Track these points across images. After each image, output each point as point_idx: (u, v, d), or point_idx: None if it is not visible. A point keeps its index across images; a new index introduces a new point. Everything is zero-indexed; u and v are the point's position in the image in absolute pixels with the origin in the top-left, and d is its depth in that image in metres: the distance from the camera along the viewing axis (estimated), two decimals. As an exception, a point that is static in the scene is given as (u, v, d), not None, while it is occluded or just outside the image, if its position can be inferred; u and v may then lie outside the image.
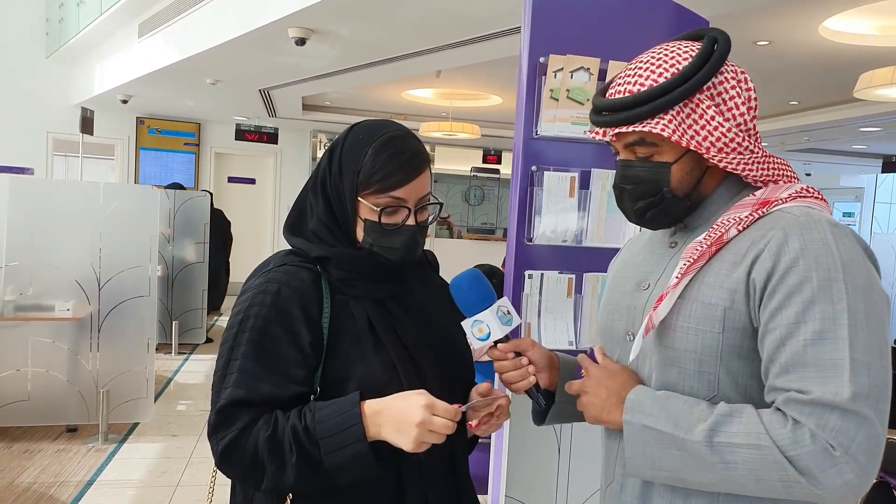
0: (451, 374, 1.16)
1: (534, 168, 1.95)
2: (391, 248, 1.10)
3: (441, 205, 1.17)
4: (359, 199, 1.08)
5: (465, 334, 1.19)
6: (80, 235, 3.96)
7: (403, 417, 0.98)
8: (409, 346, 1.10)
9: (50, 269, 3.93)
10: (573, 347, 1.93)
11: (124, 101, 7.52)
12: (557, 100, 1.94)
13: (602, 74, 1.90)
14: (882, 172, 10.41)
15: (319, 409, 1.01)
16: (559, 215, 1.95)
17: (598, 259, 2.01)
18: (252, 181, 9.72)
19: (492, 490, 2.06)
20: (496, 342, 1.10)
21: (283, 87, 6.55)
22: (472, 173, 10.73)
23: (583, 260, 2.02)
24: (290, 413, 1.01)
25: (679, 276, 0.97)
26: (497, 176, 10.85)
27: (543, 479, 2.01)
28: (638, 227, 1.14)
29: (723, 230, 0.97)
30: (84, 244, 3.97)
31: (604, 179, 2.00)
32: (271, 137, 8.69)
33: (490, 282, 1.13)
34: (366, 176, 1.07)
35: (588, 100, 1.96)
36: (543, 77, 1.90)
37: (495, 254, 7.69)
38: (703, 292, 0.96)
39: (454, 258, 3.40)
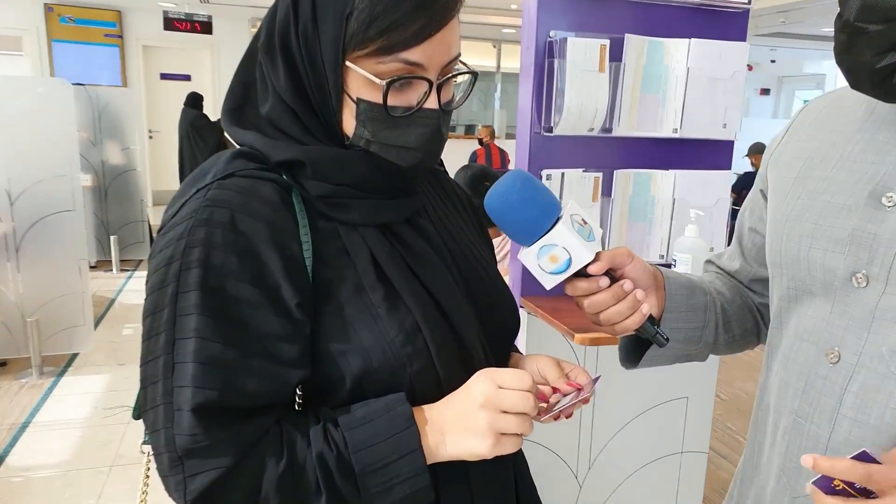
0: (496, 332, 0.78)
1: (552, 34, 1.50)
2: (401, 148, 0.68)
3: (475, 75, 0.73)
4: (347, 63, 0.65)
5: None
6: (-21, 142, 3.35)
7: (465, 410, 0.65)
8: (436, 294, 0.71)
9: (-53, 183, 3.34)
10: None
11: (25, -17, 6.48)
12: (584, -61, 1.46)
13: None
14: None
15: (349, 426, 0.64)
16: (585, 95, 1.52)
17: (631, 152, 1.62)
18: (187, 77, 8.87)
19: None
20: (581, 269, 0.70)
21: (213, -38, 5.69)
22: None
23: (612, 154, 1.62)
24: (307, 430, 0.64)
25: None
26: (455, 67, 10.18)
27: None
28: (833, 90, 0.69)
29: None
30: (-14, 152, 3.36)
31: (639, 49, 1.56)
32: (205, 27, 7.82)
33: (485, 186, 0.71)
34: (361, 24, 0.63)
35: (624, -61, 1.48)
36: None
37: (462, 153, 7.23)
38: None
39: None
